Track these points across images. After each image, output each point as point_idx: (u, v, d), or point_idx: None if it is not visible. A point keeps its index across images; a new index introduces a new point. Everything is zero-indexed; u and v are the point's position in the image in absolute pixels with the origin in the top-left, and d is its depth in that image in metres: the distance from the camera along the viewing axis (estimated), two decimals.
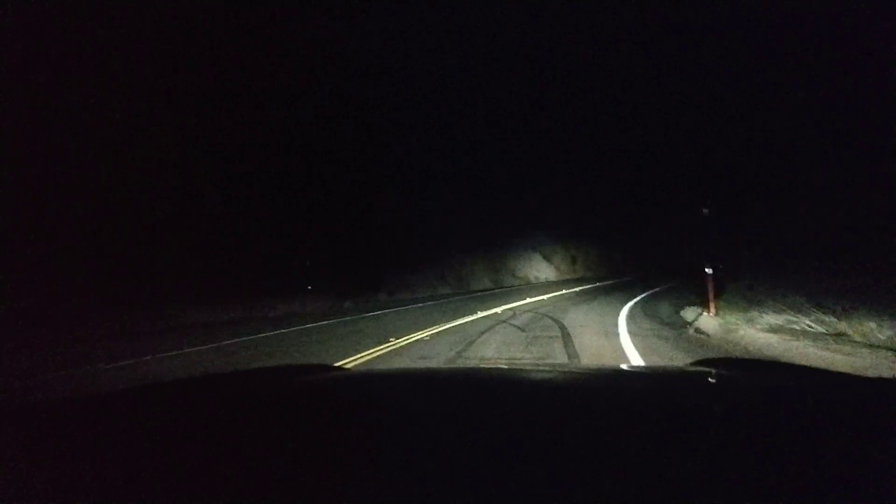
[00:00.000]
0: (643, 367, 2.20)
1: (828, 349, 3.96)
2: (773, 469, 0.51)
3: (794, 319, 5.48)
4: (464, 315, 9.38)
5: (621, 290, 15.33)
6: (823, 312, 5.40)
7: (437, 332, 6.88)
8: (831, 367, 1.80)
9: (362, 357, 5.14)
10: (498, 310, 10.29)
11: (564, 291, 16.82)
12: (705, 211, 8.73)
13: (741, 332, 5.28)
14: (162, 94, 11.70)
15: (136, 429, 0.75)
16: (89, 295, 9.74)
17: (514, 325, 7.46)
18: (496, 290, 20.08)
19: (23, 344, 7.90)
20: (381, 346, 5.76)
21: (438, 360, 4.75)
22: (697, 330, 6.09)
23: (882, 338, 4.15)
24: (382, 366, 4.60)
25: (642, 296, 12.59)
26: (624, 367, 1.79)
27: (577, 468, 0.53)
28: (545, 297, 14.12)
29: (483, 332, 6.70)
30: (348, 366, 4.55)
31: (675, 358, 4.34)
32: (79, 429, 0.75)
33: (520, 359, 4.66)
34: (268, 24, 14.99)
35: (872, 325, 4.48)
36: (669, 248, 32.79)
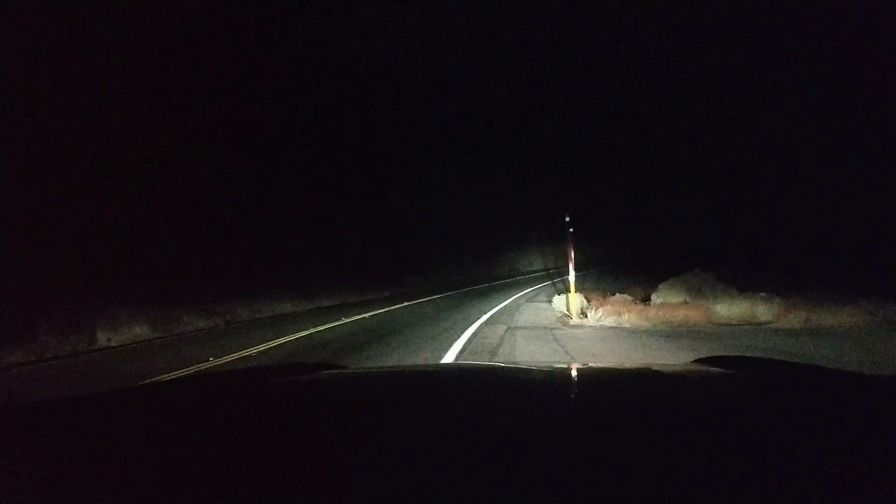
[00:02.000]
0: (643, 366, 2.19)
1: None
2: (773, 468, 0.51)
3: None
4: None
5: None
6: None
7: None
8: None
9: None
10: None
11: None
12: (567, 219, 8.62)
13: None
14: (151, 93, 11.38)
15: (133, 428, 0.75)
16: None
17: None
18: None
19: None
20: None
21: None
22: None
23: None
24: None
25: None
26: (623, 366, 1.80)
27: (577, 468, 0.52)
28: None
29: None
30: None
31: None
32: (78, 428, 0.75)
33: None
34: (267, 24, 14.98)
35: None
36: (641, 244, 35.79)
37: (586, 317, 7.64)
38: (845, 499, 0.45)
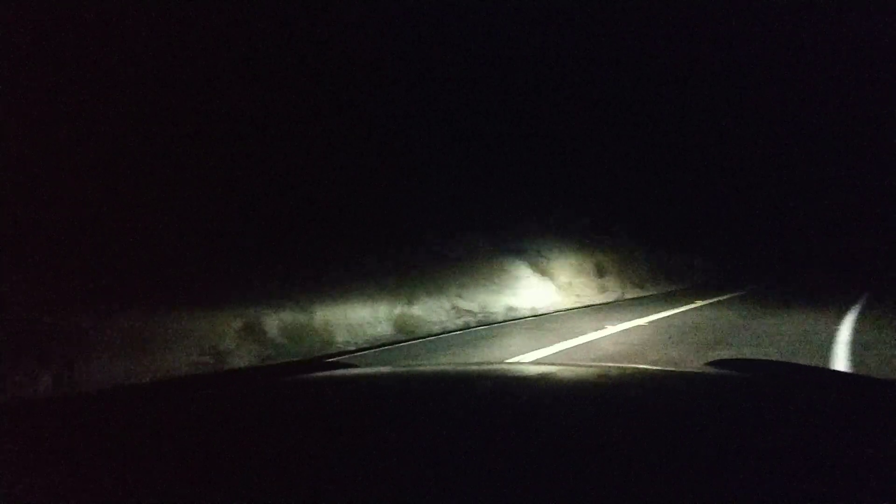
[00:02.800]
0: (651, 368, 2.20)
1: None
2: (774, 469, 0.51)
3: None
4: None
5: None
6: None
7: None
8: None
9: None
10: None
11: None
12: None
13: None
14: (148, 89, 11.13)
15: (133, 428, 0.75)
16: None
17: None
18: None
19: None
20: None
21: None
22: None
23: None
24: None
25: None
26: (631, 367, 1.79)
27: (578, 468, 0.52)
28: None
29: None
30: None
31: None
32: (78, 428, 0.75)
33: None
34: (268, 24, 15.00)
35: None
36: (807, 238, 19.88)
37: None
38: (845, 499, 0.45)
